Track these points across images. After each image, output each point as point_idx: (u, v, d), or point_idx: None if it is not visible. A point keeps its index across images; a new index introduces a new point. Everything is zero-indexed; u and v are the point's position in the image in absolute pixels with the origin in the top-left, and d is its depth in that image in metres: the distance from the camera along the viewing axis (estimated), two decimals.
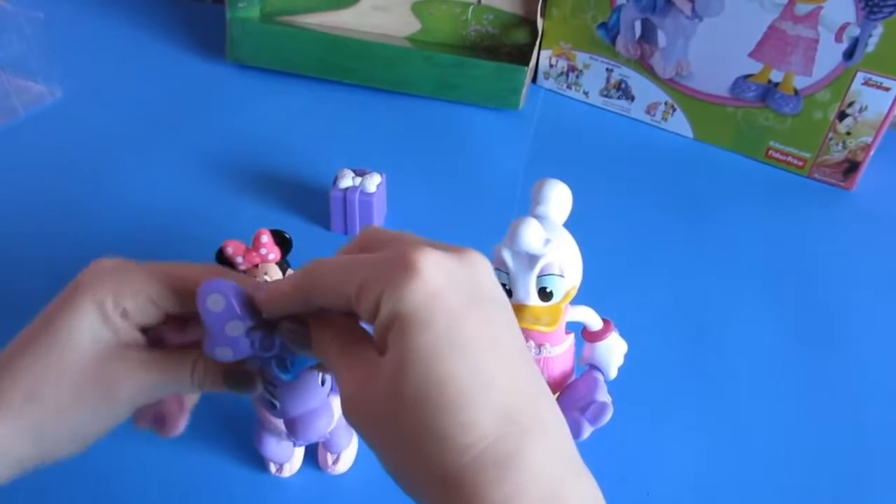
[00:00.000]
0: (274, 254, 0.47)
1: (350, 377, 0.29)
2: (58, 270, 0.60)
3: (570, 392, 0.47)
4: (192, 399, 0.38)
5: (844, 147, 0.73)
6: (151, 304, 0.33)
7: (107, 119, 0.78)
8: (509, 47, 0.85)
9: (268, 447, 0.47)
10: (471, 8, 0.84)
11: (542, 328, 0.42)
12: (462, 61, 0.81)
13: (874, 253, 0.69)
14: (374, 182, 0.63)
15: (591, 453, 0.49)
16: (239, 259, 0.46)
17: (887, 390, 0.56)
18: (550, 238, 0.40)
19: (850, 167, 0.74)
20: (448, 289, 0.27)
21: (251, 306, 0.32)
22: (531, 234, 0.39)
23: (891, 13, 0.64)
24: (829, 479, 0.50)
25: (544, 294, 0.41)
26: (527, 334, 0.44)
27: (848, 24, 0.66)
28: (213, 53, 0.88)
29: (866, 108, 0.70)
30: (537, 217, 0.41)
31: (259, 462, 0.49)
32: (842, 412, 0.55)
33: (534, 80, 0.87)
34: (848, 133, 0.72)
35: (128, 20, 0.94)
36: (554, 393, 0.48)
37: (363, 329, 0.30)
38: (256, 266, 0.47)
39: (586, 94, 0.85)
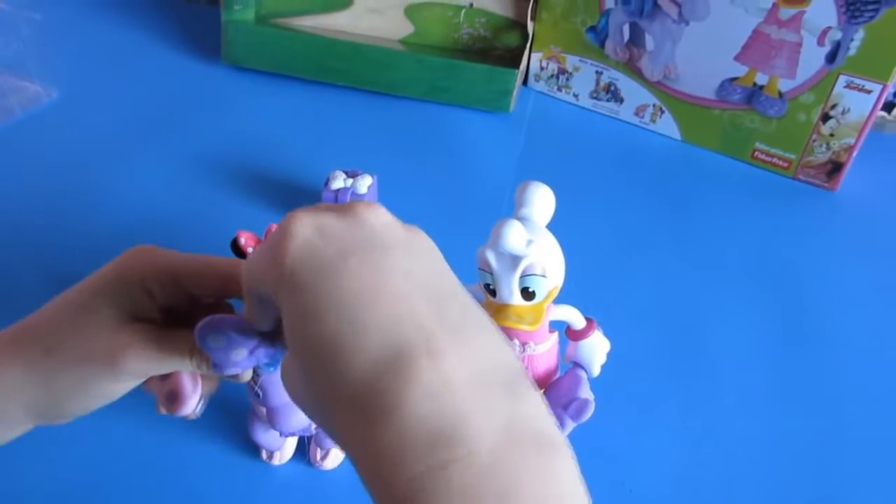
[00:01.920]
0: None
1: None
2: (54, 269, 0.62)
3: (553, 389, 0.48)
4: (210, 384, 0.39)
5: (828, 148, 0.74)
6: (176, 287, 0.35)
7: (103, 119, 0.79)
8: (500, 50, 0.86)
9: (259, 434, 0.48)
10: (463, 11, 0.86)
11: (526, 327, 0.43)
12: (454, 64, 0.82)
13: (857, 252, 0.70)
14: (365, 183, 0.64)
15: (573, 450, 0.51)
16: (250, 249, 0.48)
17: (868, 388, 0.57)
18: (533, 239, 0.41)
19: (834, 168, 0.75)
20: (320, 245, 0.26)
21: (249, 328, 0.34)
22: (514, 235, 0.40)
23: (871, 17, 0.66)
24: (811, 477, 0.51)
25: (527, 294, 0.42)
26: (511, 333, 0.45)
27: (830, 28, 0.68)
28: (208, 55, 0.89)
29: (849, 110, 0.71)
30: (520, 219, 0.43)
31: (252, 449, 0.50)
32: (824, 410, 0.56)
33: (525, 82, 0.88)
34: (831, 135, 0.73)
35: (124, 22, 0.95)
36: (539, 390, 0.49)
37: None
38: None
39: (576, 96, 0.86)
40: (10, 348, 0.34)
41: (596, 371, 0.49)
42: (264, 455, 0.50)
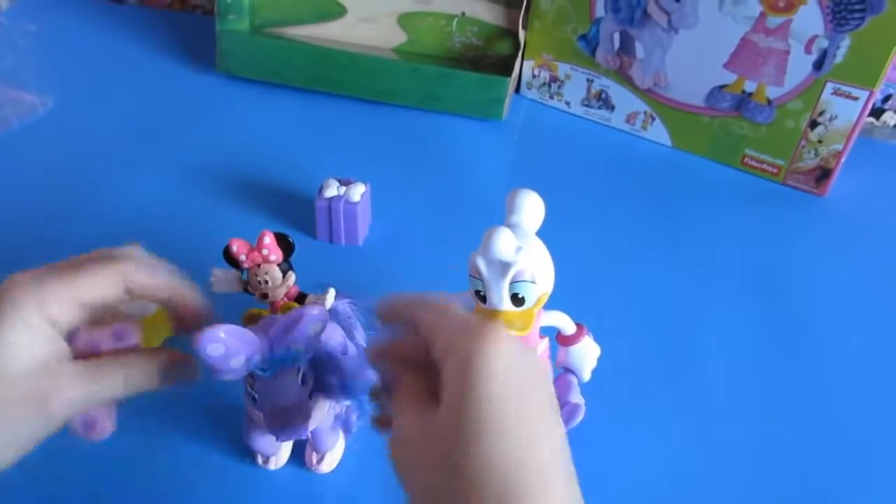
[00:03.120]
0: (275, 255, 0.49)
1: (409, 416, 0.33)
2: None
3: None
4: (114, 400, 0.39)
5: (816, 154, 0.75)
6: (76, 307, 0.34)
7: (98, 129, 0.80)
8: (493, 58, 0.87)
9: (254, 439, 0.49)
10: (455, 20, 0.87)
11: (516, 333, 0.44)
12: (446, 72, 0.83)
13: (846, 257, 0.70)
14: (358, 191, 0.65)
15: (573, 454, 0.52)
16: (242, 257, 0.48)
17: (857, 391, 0.58)
18: (522, 246, 0.41)
19: (823, 174, 0.76)
20: (507, 375, 0.31)
21: (245, 335, 0.36)
22: (503, 242, 0.41)
23: (857, 25, 0.66)
24: (802, 480, 0.52)
25: (517, 300, 0.42)
26: None
27: (817, 36, 0.69)
28: (203, 64, 0.90)
29: (836, 116, 0.72)
30: (510, 226, 0.43)
31: (247, 454, 0.50)
32: (814, 413, 0.56)
33: (517, 90, 0.89)
34: (819, 141, 0.74)
35: (119, 32, 0.96)
36: None
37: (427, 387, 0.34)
38: (258, 265, 0.49)
39: (568, 103, 0.87)
40: None
41: (586, 376, 0.49)
42: (260, 460, 0.50)
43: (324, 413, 0.46)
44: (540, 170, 0.79)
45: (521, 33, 0.83)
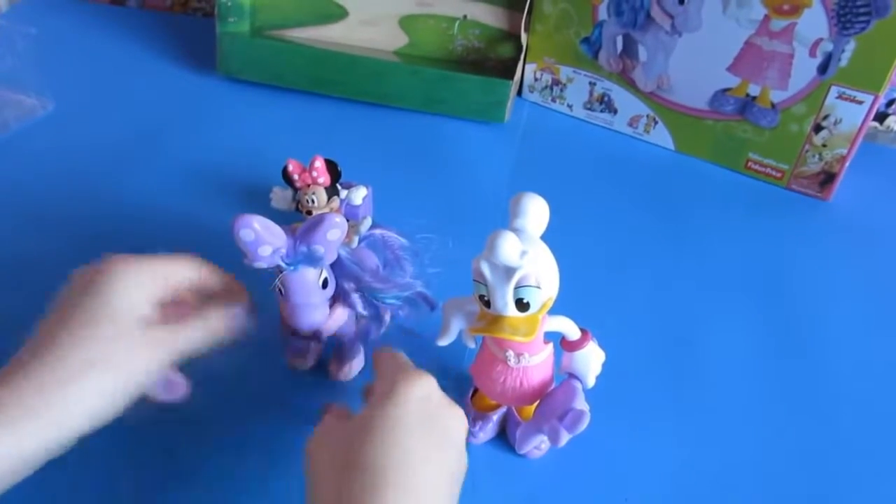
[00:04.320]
0: (324, 178, 0.58)
1: (333, 418, 0.42)
2: (47, 282, 0.61)
3: (548, 400, 0.48)
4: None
5: (821, 159, 0.74)
6: (162, 281, 0.42)
7: (98, 132, 0.79)
8: (494, 61, 0.87)
9: (285, 339, 0.55)
10: (457, 23, 0.86)
11: (520, 338, 0.43)
12: (448, 75, 0.82)
13: (850, 262, 0.70)
14: (359, 195, 0.65)
15: (569, 460, 0.51)
16: (295, 176, 0.58)
17: (861, 397, 0.58)
18: (527, 250, 0.41)
19: (827, 178, 0.75)
20: (417, 403, 0.40)
21: (275, 229, 0.44)
22: (508, 246, 0.40)
23: (862, 29, 0.66)
24: (807, 485, 0.51)
25: (521, 305, 0.42)
26: (506, 344, 0.46)
27: (821, 39, 0.68)
28: (203, 67, 0.89)
29: (841, 120, 0.71)
30: (515, 230, 0.43)
31: (278, 359, 0.56)
32: (817, 419, 0.56)
33: (519, 93, 0.89)
34: (824, 145, 0.74)
35: (119, 34, 0.95)
36: (533, 402, 0.49)
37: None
38: (308, 185, 0.58)
39: (570, 107, 0.86)
40: (45, 383, 0.37)
41: (591, 382, 0.49)
42: (288, 360, 0.56)
43: (343, 319, 0.52)
44: (542, 173, 0.78)
45: (524, 36, 0.83)
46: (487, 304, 0.43)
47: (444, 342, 0.50)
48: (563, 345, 0.48)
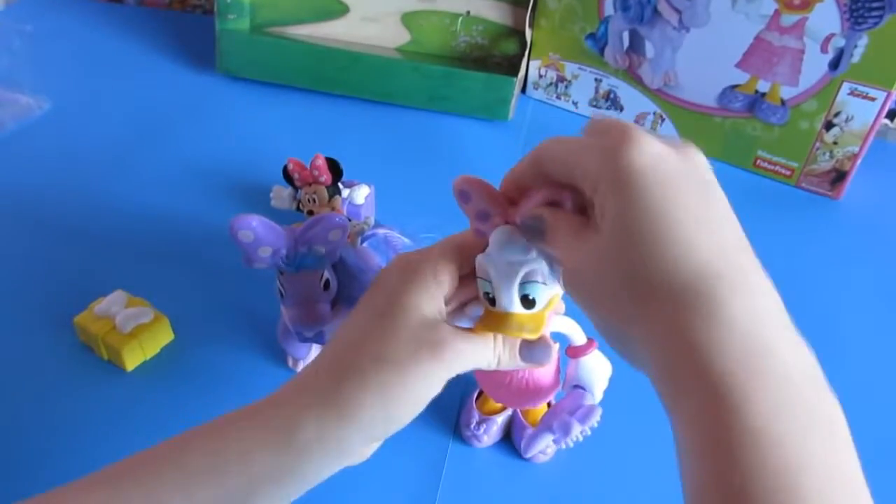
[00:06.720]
0: (325, 177, 0.56)
1: (574, 253, 0.34)
2: (45, 281, 0.60)
3: (556, 407, 0.47)
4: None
5: (831, 156, 0.73)
6: (454, 276, 0.40)
7: (96, 130, 0.78)
8: (498, 58, 0.86)
9: (286, 341, 0.53)
10: (460, 19, 0.85)
11: (527, 335, 0.42)
12: (451, 72, 0.81)
13: (861, 261, 0.69)
14: (362, 194, 0.63)
15: (575, 465, 0.50)
16: (296, 175, 0.56)
17: (873, 395, 0.56)
18: (531, 246, 0.40)
19: (838, 176, 0.74)
20: (663, 163, 0.30)
21: (275, 230, 0.43)
22: (513, 242, 0.39)
23: (875, 24, 0.65)
24: None
25: (527, 301, 0.40)
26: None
27: (833, 34, 0.67)
28: (202, 65, 0.88)
29: (852, 118, 0.70)
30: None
31: (280, 357, 0.55)
32: None
33: (523, 90, 0.87)
34: (835, 143, 0.72)
35: (117, 32, 0.94)
36: (538, 404, 0.48)
37: (584, 219, 0.34)
38: (309, 184, 0.56)
39: (575, 104, 0.85)
40: (336, 373, 0.36)
41: (598, 395, 0.47)
42: (290, 362, 0.54)
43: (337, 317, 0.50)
44: None
45: (528, 32, 0.81)
46: (492, 301, 0.41)
47: None
48: (568, 351, 0.47)
